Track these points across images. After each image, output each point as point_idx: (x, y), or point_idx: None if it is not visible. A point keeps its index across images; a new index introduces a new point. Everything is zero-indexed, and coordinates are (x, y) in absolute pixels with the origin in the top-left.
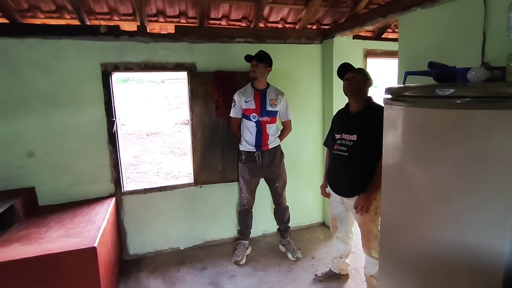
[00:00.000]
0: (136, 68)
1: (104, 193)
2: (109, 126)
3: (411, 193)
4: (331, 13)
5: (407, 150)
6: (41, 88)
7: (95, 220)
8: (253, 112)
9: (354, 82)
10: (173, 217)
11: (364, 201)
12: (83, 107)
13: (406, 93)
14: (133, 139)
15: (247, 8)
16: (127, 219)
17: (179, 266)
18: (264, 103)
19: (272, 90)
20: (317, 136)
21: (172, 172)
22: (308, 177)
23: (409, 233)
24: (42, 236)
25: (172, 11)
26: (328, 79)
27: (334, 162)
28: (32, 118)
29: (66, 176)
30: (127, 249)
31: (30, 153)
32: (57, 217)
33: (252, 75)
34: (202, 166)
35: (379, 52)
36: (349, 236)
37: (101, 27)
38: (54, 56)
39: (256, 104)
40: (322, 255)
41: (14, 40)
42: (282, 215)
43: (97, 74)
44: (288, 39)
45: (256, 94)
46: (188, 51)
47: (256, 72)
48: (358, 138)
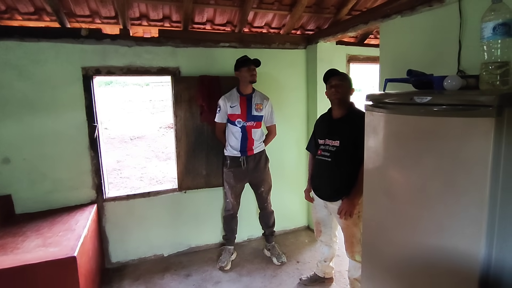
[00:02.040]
0: (119, 72)
1: (85, 200)
2: (90, 131)
3: (392, 197)
4: (315, 19)
5: (388, 155)
6: (18, 92)
7: (75, 228)
8: (239, 118)
9: (341, 90)
10: (157, 223)
11: (348, 205)
12: (63, 111)
13: (386, 100)
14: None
15: (232, 13)
16: (109, 226)
17: (163, 274)
18: (250, 108)
19: (258, 95)
20: (302, 140)
21: (157, 177)
22: (293, 181)
23: (390, 236)
24: (19, 246)
25: (156, 15)
26: (312, 84)
27: (317, 167)
28: (7, 122)
29: (45, 183)
30: (109, 257)
31: (6, 159)
32: (35, 225)
33: (254, 80)
34: (187, 171)
35: (361, 57)
36: (333, 240)
37: (82, 30)
38: (32, 59)
39: (242, 109)
40: (307, 259)
41: None
42: (267, 219)
43: (78, 78)
44: (273, 44)
45: (241, 99)
46: (172, 55)
47: (255, 76)
48: (341, 144)
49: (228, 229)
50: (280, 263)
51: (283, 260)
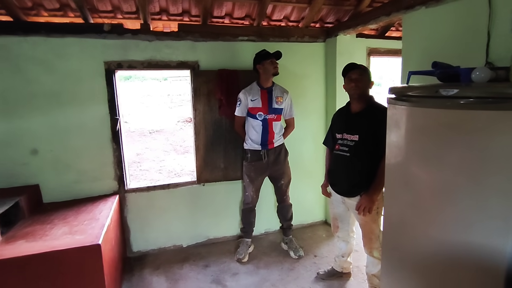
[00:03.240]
0: (140, 66)
1: (108, 191)
2: (113, 124)
3: (414, 193)
4: (335, 12)
5: (410, 150)
6: (44, 86)
7: (99, 217)
8: (260, 111)
9: (361, 84)
10: (176, 215)
11: (367, 201)
12: (87, 105)
13: (409, 93)
14: (136, 136)
15: (250, 6)
16: (130, 216)
17: (182, 264)
18: (270, 101)
19: (278, 88)
20: (320, 134)
21: (175, 170)
22: (311, 176)
23: (412, 233)
24: (47, 233)
25: (176, 9)
26: (331, 78)
27: (335, 162)
28: (35, 115)
29: (70, 173)
30: (131, 246)
31: (34, 150)
32: (62, 214)
33: (277, 72)
34: (205, 164)
35: (382, 50)
36: (350, 235)
37: (104, 25)
38: (58, 54)
39: (262, 102)
40: (324, 253)
41: (18, 38)
42: (286, 213)
43: (101, 72)
44: (291, 37)
45: (262, 92)
46: (191, 49)
47: (277, 68)
48: (360, 138)
49: (246, 222)
50: (298, 256)
51: (300, 254)
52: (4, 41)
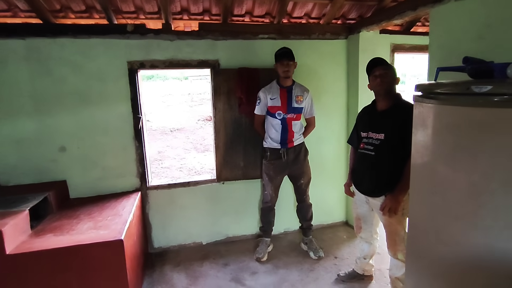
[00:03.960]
0: (161, 66)
1: (130, 187)
2: (135, 122)
3: (441, 194)
4: (357, 7)
5: (438, 150)
6: (72, 85)
7: (122, 213)
8: (279, 110)
9: (387, 79)
10: (196, 212)
11: (392, 202)
12: (111, 104)
13: (438, 90)
14: (158, 135)
15: (271, 4)
16: (152, 213)
17: (202, 261)
18: (290, 100)
19: (298, 87)
20: (341, 133)
21: (195, 168)
22: (331, 175)
23: (439, 236)
24: (73, 228)
25: (196, 9)
26: (353, 75)
27: (359, 161)
28: (63, 114)
29: (95, 170)
30: (152, 242)
31: (62, 147)
32: (87, 209)
33: (287, 75)
34: (225, 162)
35: (407, 46)
36: (373, 237)
37: (127, 26)
38: (84, 55)
39: (282, 101)
40: (345, 255)
41: (48, 40)
42: (305, 213)
43: (124, 71)
44: (312, 34)
45: (282, 91)
46: (212, 48)
47: (290, 71)
48: (385, 137)
49: (266, 221)
50: (317, 257)
51: (320, 254)
52: (35, 43)
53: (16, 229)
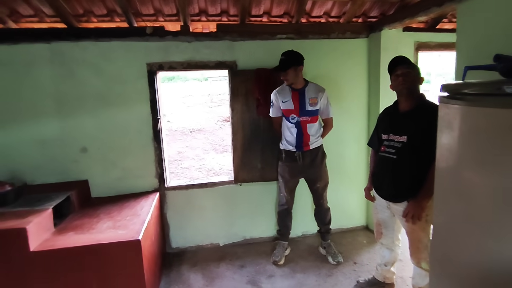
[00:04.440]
0: (179, 67)
1: (149, 188)
2: (154, 123)
3: (468, 200)
4: (379, 5)
5: (465, 153)
6: (93, 87)
7: (140, 213)
8: (292, 113)
9: (410, 79)
10: (214, 214)
11: (415, 208)
12: (130, 105)
13: (466, 91)
14: (178, 135)
15: (289, 3)
16: (170, 213)
17: (219, 262)
18: (303, 103)
19: (311, 88)
20: (362, 135)
21: (214, 168)
22: (352, 178)
23: (465, 244)
24: (94, 227)
25: (214, 10)
26: (374, 75)
27: (380, 165)
28: (85, 115)
29: (115, 170)
30: (170, 243)
31: (84, 148)
32: (107, 209)
33: (288, 84)
34: (242, 164)
35: (432, 44)
36: (395, 243)
37: (147, 29)
38: (105, 57)
39: (294, 104)
40: (365, 260)
41: (71, 44)
42: (323, 217)
43: (143, 73)
44: (332, 33)
45: (294, 93)
46: (229, 49)
47: (288, 79)
48: (408, 140)
49: (282, 224)
50: (336, 262)
51: (339, 260)
52: (59, 46)
53: (40, 227)
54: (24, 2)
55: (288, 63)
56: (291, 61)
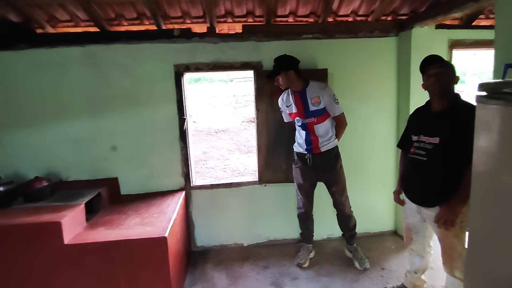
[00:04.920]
0: (206, 68)
1: (175, 187)
2: (180, 123)
3: (508, 206)
4: (409, 2)
5: (505, 157)
6: (123, 88)
7: (167, 211)
8: (297, 116)
9: (443, 78)
10: (238, 214)
11: (448, 213)
12: (158, 105)
13: (506, 90)
14: (203, 135)
15: (315, 3)
16: (195, 212)
17: (243, 262)
18: (306, 104)
19: (313, 88)
20: (390, 137)
21: (238, 169)
22: (379, 180)
23: (503, 253)
24: (122, 223)
25: (240, 11)
26: (404, 75)
27: (410, 167)
28: (115, 115)
29: (143, 169)
30: (195, 241)
31: (114, 147)
32: (135, 206)
33: (284, 89)
34: (267, 164)
35: (468, 42)
36: (426, 250)
37: (174, 31)
38: (135, 59)
39: (297, 107)
40: (393, 266)
41: (103, 46)
42: (345, 223)
43: (171, 74)
44: (359, 32)
45: (295, 96)
46: (255, 49)
47: (282, 84)
48: (440, 141)
49: (304, 228)
50: (363, 269)
51: (366, 266)
52: (92, 49)
53: (73, 221)
54: (61, 8)
55: (277, 69)
56: (279, 67)
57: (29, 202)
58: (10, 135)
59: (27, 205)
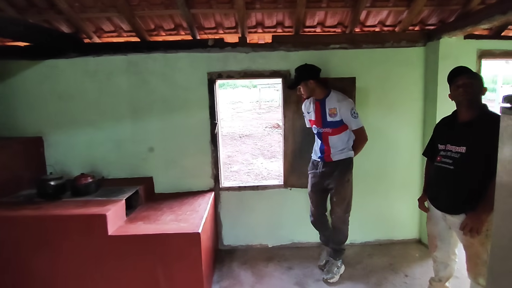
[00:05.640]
0: (237, 76)
1: (205, 187)
2: (212, 127)
3: None
4: (438, 12)
5: None
6: (160, 94)
7: (198, 210)
8: (314, 124)
9: (471, 89)
10: (263, 215)
11: (473, 221)
12: (192, 110)
13: None
14: (228, 140)
15: (343, 14)
16: (223, 212)
17: (267, 262)
18: (324, 114)
19: (332, 98)
20: (416, 145)
21: (262, 173)
22: (404, 188)
23: None
24: (158, 218)
25: (270, 22)
26: (431, 85)
27: (436, 175)
28: (153, 119)
29: (176, 169)
30: (222, 240)
31: (151, 148)
32: (169, 204)
33: (306, 97)
34: (292, 169)
35: (497, 52)
36: (451, 257)
37: (209, 41)
38: (172, 67)
39: (316, 115)
40: (417, 274)
41: (143, 55)
42: (334, 234)
43: (204, 81)
44: (386, 43)
45: (316, 104)
46: (284, 59)
47: (304, 93)
48: (467, 151)
49: (320, 234)
50: (323, 278)
51: (328, 277)
52: (134, 58)
53: (116, 215)
54: (108, 20)
55: (297, 80)
56: (300, 77)
57: (76, 196)
58: (60, 134)
59: (75, 198)
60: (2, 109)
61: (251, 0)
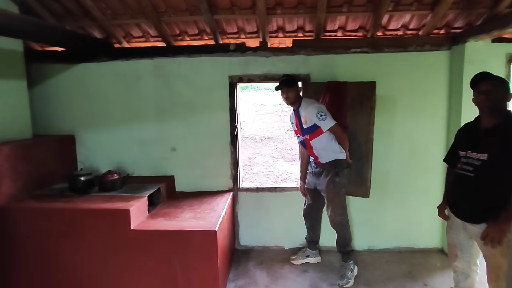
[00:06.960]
0: (257, 79)
1: (224, 187)
2: (232, 129)
3: None
4: (464, 16)
5: None
6: (184, 97)
7: (216, 209)
8: (297, 133)
9: (494, 96)
10: (280, 217)
11: (495, 231)
12: (213, 112)
13: None
14: (249, 142)
15: (364, 18)
16: (240, 212)
17: (283, 264)
18: (300, 122)
19: (302, 106)
20: (439, 151)
21: (282, 176)
22: (426, 195)
23: None
24: (178, 216)
25: (291, 27)
26: (456, 89)
27: (456, 183)
28: (176, 120)
29: (197, 169)
30: (239, 240)
31: (173, 148)
32: (189, 202)
33: (288, 103)
34: None
35: None
36: (472, 268)
37: (230, 45)
38: (195, 71)
39: (296, 125)
40: (437, 284)
41: (169, 59)
42: (337, 238)
43: (225, 85)
44: (409, 47)
45: (295, 114)
46: (304, 63)
47: (288, 99)
48: (489, 158)
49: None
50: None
51: (343, 283)
52: (160, 62)
53: (138, 210)
54: (137, 26)
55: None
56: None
57: (103, 191)
58: (90, 133)
59: (102, 193)
60: (39, 109)
61: (273, 5)
